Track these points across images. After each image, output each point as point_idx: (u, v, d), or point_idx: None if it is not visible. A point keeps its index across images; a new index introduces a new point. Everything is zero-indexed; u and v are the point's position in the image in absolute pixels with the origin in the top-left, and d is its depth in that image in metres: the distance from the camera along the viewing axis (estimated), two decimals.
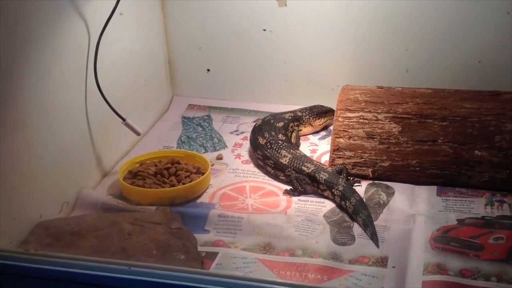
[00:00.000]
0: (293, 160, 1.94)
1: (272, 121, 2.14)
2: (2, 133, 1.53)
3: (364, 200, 1.80)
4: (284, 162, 1.95)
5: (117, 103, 1.96)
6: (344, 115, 1.98)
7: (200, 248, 1.65)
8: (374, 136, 1.94)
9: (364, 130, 1.95)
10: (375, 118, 1.96)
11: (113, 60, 2.03)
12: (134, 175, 1.92)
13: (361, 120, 1.96)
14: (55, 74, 1.73)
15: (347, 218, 1.77)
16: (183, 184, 1.88)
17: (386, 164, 1.93)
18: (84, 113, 1.89)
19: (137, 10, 2.20)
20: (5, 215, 1.55)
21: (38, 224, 1.65)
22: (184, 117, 2.41)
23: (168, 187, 1.87)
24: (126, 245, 1.58)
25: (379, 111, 1.96)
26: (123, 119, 1.98)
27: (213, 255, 1.63)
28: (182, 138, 2.25)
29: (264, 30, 2.35)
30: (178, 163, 1.97)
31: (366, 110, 1.97)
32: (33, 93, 1.64)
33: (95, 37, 1.87)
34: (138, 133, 2.06)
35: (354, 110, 1.98)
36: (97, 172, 1.98)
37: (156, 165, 1.96)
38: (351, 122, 1.97)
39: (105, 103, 1.92)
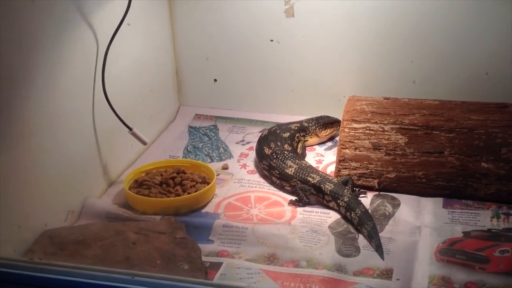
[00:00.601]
0: (299, 170, 1.94)
1: (278, 131, 2.14)
2: (8, 141, 1.54)
3: (370, 211, 1.79)
4: (289, 173, 1.94)
5: (124, 112, 1.97)
6: (350, 126, 1.98)
7: (204, 258, 1.64)
8: (380, 147, 1.94)
9: (370, 141, 1.95)
10: (381, 129, 1.95)
11: (121, 70, 2.04)
12: (139, 185, 1.93)
13: (367, 131, 1.96)
14: (62, 83, 1.74)
15: (352, 230, 1.77)
16: (188, 193, 1.88)
17: (392, 175, 1.92)
18: (91, 122, 1.90)
19: (145, 20, 2.21)
20: (9, 223, 1.56)
21: (42, 233, 1.65)
22: (190, 127, 2.41)
23: (174, 196, 1.87)
24: (130, 254, 1.58)
25: (386, 122, 1.96)
26: (130, 129, 1.99)
27: (217, 266, 1.62)
28: (188, 148, 2.26)
29: (271, 40, 2.35)
30: (184, 172, 1.97)
31: (373, 121, 1.97)
32: (40, 102, 1.65)
33: (103, 46, 1.88)
34: (144, 143, 2.06)
35: (360, 121, 1.98)
36: (103, 181, 1.98)
37: (161, 175, 1.97)
38: (357, 133, 1.97)
39: (112, 112, 1.92)
